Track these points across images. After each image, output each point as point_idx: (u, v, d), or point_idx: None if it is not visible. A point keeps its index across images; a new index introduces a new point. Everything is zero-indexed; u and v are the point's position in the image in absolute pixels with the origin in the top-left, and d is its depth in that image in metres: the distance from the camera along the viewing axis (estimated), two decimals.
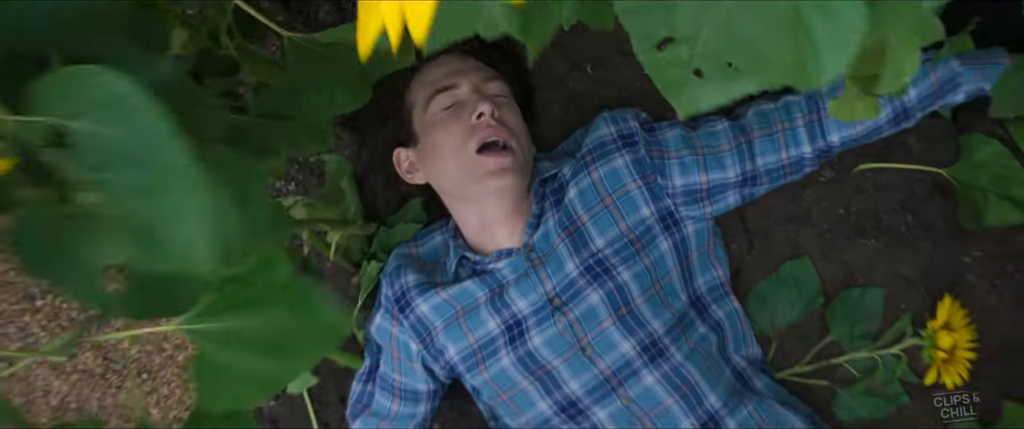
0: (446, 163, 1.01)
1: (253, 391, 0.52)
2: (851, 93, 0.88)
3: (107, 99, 0.32)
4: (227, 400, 0.53)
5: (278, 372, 0.53)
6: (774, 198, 1.11)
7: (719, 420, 1.02)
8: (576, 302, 1.00)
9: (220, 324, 0.52)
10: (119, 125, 0.32)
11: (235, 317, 0.52)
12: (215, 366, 0.52)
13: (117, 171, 0.32)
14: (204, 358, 0.51)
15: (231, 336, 0.52)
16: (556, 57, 1.13)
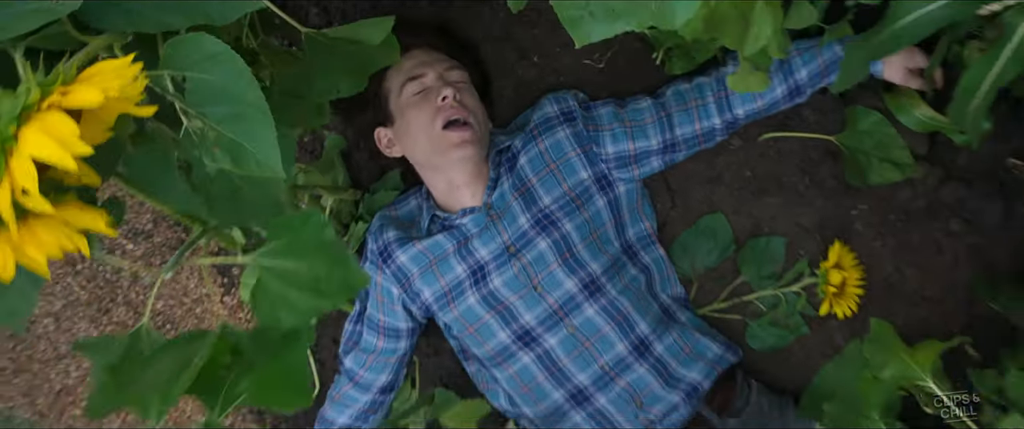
0: (418, 138, 1.22)
1: (295, 318, 0.71)
2: (745, 68, 1.10)
3: (209, 55, 0.52)
4: (276, 321, 0.72)
5: (314, 306, 0.71)
6: (692, 163, 1.32)
7: (648, 345, 1.24)
8: (528, 249, 1.22)
9: (277, 262, 0.70)
10: (216, 73, 0.51)
11: (288, 259, 0.70)
12: (271, 294, 0.70)
13: (214, 106, 0.52)
14: (264, 287, 0.70)
15: (285, 273, 0.70)
16: (508, 49, 1.34)
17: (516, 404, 1.28)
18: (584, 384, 1.23)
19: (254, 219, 0.65)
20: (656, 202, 1.34)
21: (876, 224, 1.33)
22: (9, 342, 1.50)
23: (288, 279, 0.66)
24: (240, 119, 0.50)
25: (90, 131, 0.48)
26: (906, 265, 1.33)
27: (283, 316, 0.68)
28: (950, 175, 1.33)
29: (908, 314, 1.32)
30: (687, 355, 1.26)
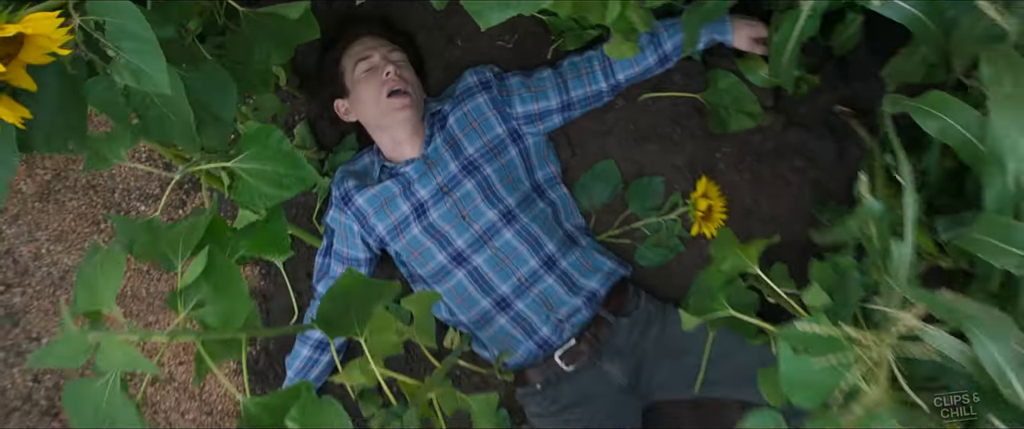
0: (368, 105, 1.56)
1: (265, 203, 1.04)
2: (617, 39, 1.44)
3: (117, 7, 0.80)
4: (253, 206, 1.05)
5: (279, 195, 1.03)
6: (586, 120, 1.66)
7: (555, 261, 1.58)
8: (457, 189, 1.56)
9: (250, 165, 1.03)
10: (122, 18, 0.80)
11: (257, 163, 1.03)
12: (248, 187, 1.02)
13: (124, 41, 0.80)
14: (241, 182, 1.03)
15: (255, 172, 1.02)
16: (437, 35, 1.68)
17: (454, 313, 1.62)
18: (505, 293, 1.57)
19: (173, 136, 0.95)
20: (559, 152, 1.68)
21: (735, 163, 1.68)
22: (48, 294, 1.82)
23: (258, 176, 1.00)
24: (140, 52, 0.81)
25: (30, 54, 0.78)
26: (760, 195, 1.67)
27: (256, 203, 1.02)
28: (792, 122, 1.67)
29: (762, 232, 1.66)
30: (587, 269, 1.60)
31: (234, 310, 0.89)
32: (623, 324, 1.59)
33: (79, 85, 0.89)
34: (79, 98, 0.90)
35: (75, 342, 0.84)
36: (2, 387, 1.81)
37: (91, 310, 0.86)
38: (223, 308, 0.90)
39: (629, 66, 1.57)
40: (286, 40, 1.13)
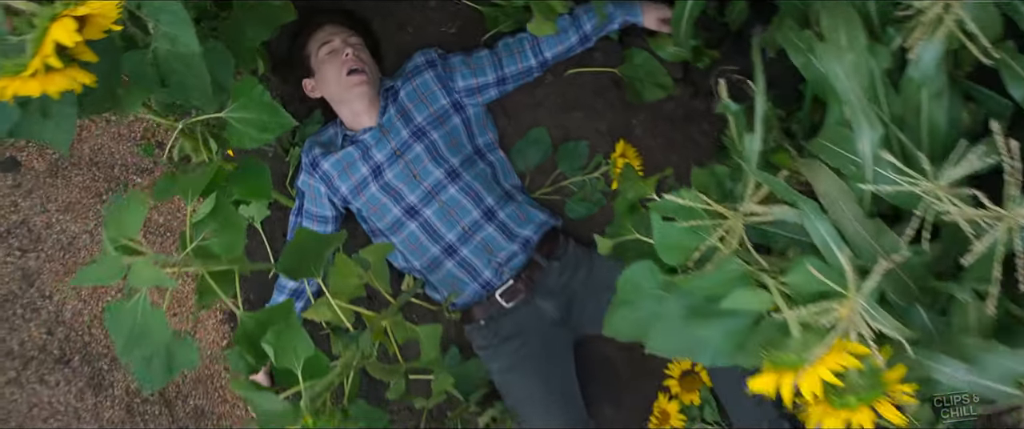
0: (330, 82, 1.82)
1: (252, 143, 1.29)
2: (539, 19, 1.72)
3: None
4: (245, 145, 1.31)
5: (263, 138, 1.29)
6: (520, 94, 1.93)
7: (494, 212, 1.84)
8: (409, 152, 1.82)
9: (238, 114, 1.29)
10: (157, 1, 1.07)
11: (244, 112, 1.28)
12: (237, 133, 1.28)
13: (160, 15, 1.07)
14: (232, 129, 1.29)
15: (243, 120, 1.28)
16: (391, 23, 1.95)
17: (408, 261, 1.88)
18: (452, 241, 1.83)
19: (192, 95, 1.21)
20: (496, 121, 1.95)
21: (650, 128, 1.95)
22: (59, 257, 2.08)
23: (246, 123, 1.26)
24: (174, 23, 1.06)
25: (90, 31, 1.03)
26: (671, 155, 1.94)
27: (246, 142, 1.28)
28: (699, 91, 1.94)
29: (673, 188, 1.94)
30: (522, 220, 1.86)
31: (234, 241, 1.16)
32: (554, 267, 1.86)
33: (117, 57, 1.15)
34: (116, 68, 1.16)
35: (112, 264, 1.09)
36: (20, 339, 2.07)
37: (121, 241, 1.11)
38: (226, 239, 1.16)
39: (555, 45, 1.84)
40: (270, 21, 1.40)
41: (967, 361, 1.02)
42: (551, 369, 1.87)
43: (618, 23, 1.83)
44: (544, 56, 1.84)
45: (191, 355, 1.17)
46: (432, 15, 1.95)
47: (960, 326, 1.07)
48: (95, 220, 2.06)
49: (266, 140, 1.28)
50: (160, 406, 2.07)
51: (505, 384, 1.88)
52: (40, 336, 2.08)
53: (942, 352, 1.02)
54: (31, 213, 2.08)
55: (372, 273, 1.46)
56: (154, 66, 1.17)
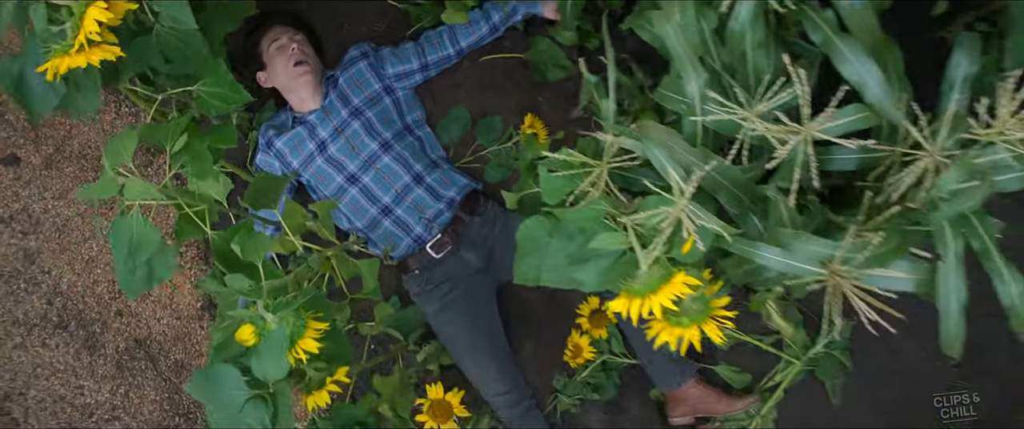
0: (280, 74, 2.17)
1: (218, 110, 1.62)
2: (450, 10, 2.07)
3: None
4: (211, 112, 1.65)
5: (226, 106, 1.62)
6: (441, 78, 2.27)
7: (422, 177, 2.18)
8: (348, 128, 2.16)
9: (207, 89, 1.61)
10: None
11: (211, 86, 1.60)
12: (207, 102, 1.61)
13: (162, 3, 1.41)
14: (202, 99, 1.63)
15: (210, 93, 1.61)
16: (330, 23, 2.31)
17: (352, 221, 2.22)
18: (388, 202, 2.17)
19: (191, 67, 1.55)
20: (423, 102, 2.29)
21: (553, 103, 2.29)
22: (55, 238, 2.41)
23: (212, 95, 1.60)
24: (173, 7, 1.41)
25: (115, 11, 1.37)
26: (572, 126, 2.30)
27: (212, 110, 1.62)
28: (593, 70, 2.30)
29: None
30: (447, 184, 2.20)
31: (205, 168, 1.49)
32: (476, 222, 2.19)
33: (128, 40, 1.49)
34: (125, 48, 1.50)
35: (109, 182, 1.42)
36: (24, 310, 2.40)
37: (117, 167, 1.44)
38: (197, 168, 1.49)
39: (469, 35, 2.19)
40: (235, 15, 1.73)
41: (782, 247, 1.36)
42: (477, 310, 2.20)
43: (521, 15, 2.18)
44: (460, 45, 2.19)
45: (171, 264, 1.49)
46: (364, 15, 2.31)
47: (776, 221, 1.41)
48: (85, 205, 2.39)
49: (228, 109, 1.62)
50: (145, 362, 2.39)
51: (438, 324, 2.21)
52: (41, 306, 2.41)
53: (765, 242, 1.35)
54: (30, 201, 2.41)
55: (320, 222, 1.80)
56: (157, 46, 1.52)
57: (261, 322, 1.44)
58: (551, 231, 1.42)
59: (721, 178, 1.41)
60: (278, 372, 1.39)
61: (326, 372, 1.59)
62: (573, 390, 2.32)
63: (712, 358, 2.33)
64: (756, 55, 1.52)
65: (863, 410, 2.35)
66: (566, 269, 1.40)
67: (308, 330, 1.46)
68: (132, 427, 2.39)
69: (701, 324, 1.30)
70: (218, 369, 1.42)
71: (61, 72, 1.25)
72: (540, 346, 2.35)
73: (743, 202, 1.48)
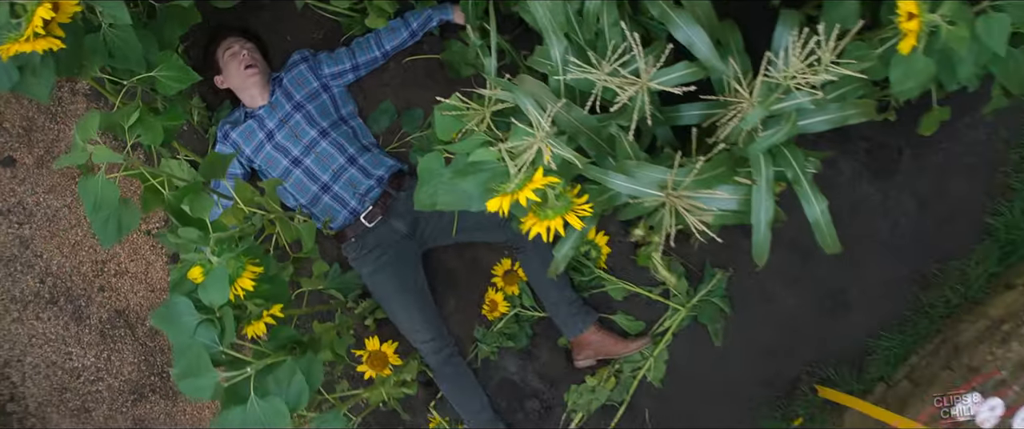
0: (233, 76, 2.58)
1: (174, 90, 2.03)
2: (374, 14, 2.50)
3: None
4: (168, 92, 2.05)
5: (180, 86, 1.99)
6: (371, 77, 2.69)
7: (355, 159, 2.58)
8: (291, 119, 2.57)
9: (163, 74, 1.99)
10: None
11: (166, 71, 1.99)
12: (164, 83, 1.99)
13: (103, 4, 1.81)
14: (161, 82, 2.02)
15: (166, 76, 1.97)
16: (276, 35, 2.73)
17: (296, 198, 2.61)
18: (326, 181, 2.57)
19: (130, 62, 1.95)
20: (355, 97, 2.71)
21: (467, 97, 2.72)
22: (46, 226, 2.80)
23: (168, 78, 1.99)
24: (111, 7, 1.81)
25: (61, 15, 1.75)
26: None
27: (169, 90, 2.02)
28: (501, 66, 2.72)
29: None
30: (376, 164, 2.60)
31: (156, 137, 1.89)
32: (402, 196, 2.59)
33: (81, 36, 1.88)
34: (80, 44, 1.88)
35: (80, 152, 1.81)
36: (20, 289, 2.78)
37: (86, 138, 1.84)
38: (150, 138, 1.89)
39: (392, 39, 2.61)
40: (183, 21, 2.14)
41: (627, 174, 1.76)
42: (405, 271, 2.59)
43: (436, 21, 2.60)
44: (385, 48, 2.61)
45: (135, 218, 1.88)
46: (304, 26, 2.73)
47: (622, 154, 1.81)
48: (71, 197, 2.79)
49: (182, 87, 2.00)
50: (124, 329, 2.77)
51: (372, 284, 2.60)
52: (34, 285, 2.79)
53: (614, 171, 1.75)
54: (24, 196, 2.81)
55: (267, 196, 2.19)
56: (104, 43, 1.92)
57: (208, 263, 1.81)
58: (444, 164, 1.83)
59: (579, 124, 1.82)
60: (221, 299, 1.74)
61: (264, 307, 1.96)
62: (491, 340, 2.70)
63: (609, 308, 2.71)
64: (612, 32, 1.94)
65: (743, 350, 2.73)
66: (454, 187, 1.78)
67: (246, 271, 1.83)
68: (114, 386, 2.77)
69: (563, 215, 1.66)
70: (175, 301, 1.77)
71: (10, 54, 1.63)
72: (461, 302, 2.73)
73: (601, 147, 1.89)
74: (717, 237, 1.84)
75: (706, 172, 1.85)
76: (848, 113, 1.89)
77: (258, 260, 1.94)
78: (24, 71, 1.84)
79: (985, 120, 2.66)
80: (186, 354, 1.70)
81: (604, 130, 1.88)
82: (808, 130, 1.92)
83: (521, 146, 1.69)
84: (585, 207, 1.70)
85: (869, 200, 2.70)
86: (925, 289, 2.68)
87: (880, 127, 2.60)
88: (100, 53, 1.92)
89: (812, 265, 2.70)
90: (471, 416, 2.67)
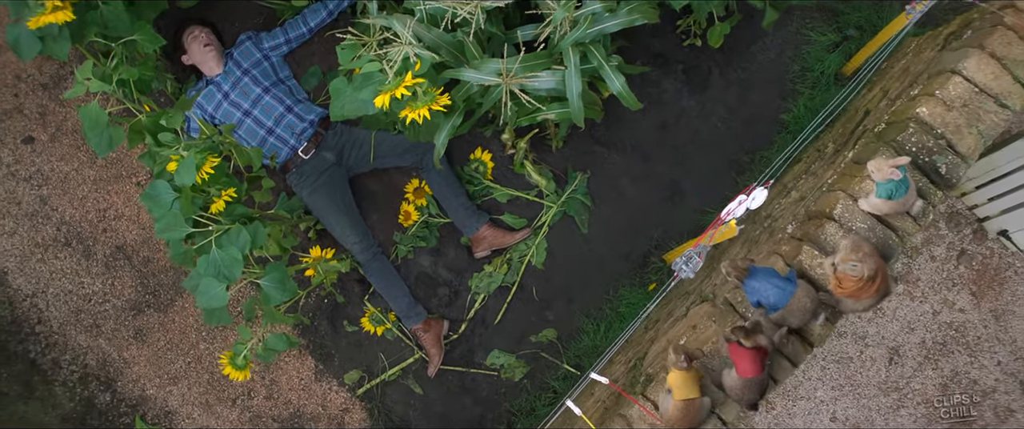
0: (195, 53, 3.34)
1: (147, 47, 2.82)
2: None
3: None
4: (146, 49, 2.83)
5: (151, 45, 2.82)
6: (302, 48, 3.46)
7: (292, 108, 3.33)
8: (241, 82, 3.33)
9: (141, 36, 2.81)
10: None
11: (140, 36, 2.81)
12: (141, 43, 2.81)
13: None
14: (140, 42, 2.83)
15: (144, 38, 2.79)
16: (227, 23, 3.54)
17: (248, 142, 3.36)
18: (270, 125, 3.32)
19: (120, 30, 2.72)
20: (290, 64, 3.49)
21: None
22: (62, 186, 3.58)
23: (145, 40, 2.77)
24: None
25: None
26: None
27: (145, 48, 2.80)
28: None
29: None
30: (308, 111, 3.34)
31: (131, 75, 2.68)
32: (329, 134, 3.35)
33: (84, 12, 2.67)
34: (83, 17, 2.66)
35: (81, 85, 2.59)
36: (42, 236, 3.53)
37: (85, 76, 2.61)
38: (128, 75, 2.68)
39: (314, 18, 3.40)
40: (154, 6, 2.93)
41: (475, 68, 2.53)
42: (335, 191, 3.34)
43: (347, 3, 3.41)
44: (310, 24, 3.41)
45: (120, 136, 2.64)
46: (248, 14, 3.53)
47: (470, 56, 2.58)
48: (77, 163, 3.56)
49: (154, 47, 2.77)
50: (123, 260, 3.51)
51: (311, 202, 3.34)
52: (52, 232, 3.55)
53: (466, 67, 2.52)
54: (42, 165, 3.58)
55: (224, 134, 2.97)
56: (101, 16, 2.71)
57: (181, 156, 2.57)
58: (348, 83, 2.60)
59: (438, 39, 2.59)
60: (189, 180, 2.49)
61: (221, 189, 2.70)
62: (407, 242, 3.44)
63: (498, 210, 3.45)
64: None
65: (604, 234, 3.45)
66: (354, 98, 2.56)
67: (207, 162, 2.58)
68: (118, 305, 3.50)
69: (430, 106, 2.42)
70: (156, 183, 2.52)
71: (39, 24, 2.42)
72: (382, 215, 3.47)
73: (453, 53, 2.67)
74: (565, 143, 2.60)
75: (530, 61, 2.63)
76: (634, 16, 2.64)
77: (217, 156, 2.68)
78: (45, 40, 2.61)
79: (774, 42, 3.44)
80: (165, 218, 2.45)
81: (456, 40, 2.67)
82: (606, 30, 2.66)
83: (393, 54, 2.47)
84: (444, 98, 2.47)
85: (690, 110, 3.46)
86: (740, 174, 3.41)
87: (692, 52, 3.40)
88: (98, 24, 2.71)
89: (652, 164, 3.44)
90: (396, 302, 3.38)
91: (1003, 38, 2.25)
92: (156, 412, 3.42)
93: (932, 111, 2.23)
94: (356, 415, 3.42)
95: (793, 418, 3.23)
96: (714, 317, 2.36)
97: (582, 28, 2.63)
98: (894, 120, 2.37)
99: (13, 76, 3.57)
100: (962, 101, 2.22)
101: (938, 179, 2.21)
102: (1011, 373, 3.17)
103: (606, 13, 2.64)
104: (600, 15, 2.65)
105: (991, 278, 3.19)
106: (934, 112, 2.23)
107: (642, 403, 2.23)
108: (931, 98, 2.24)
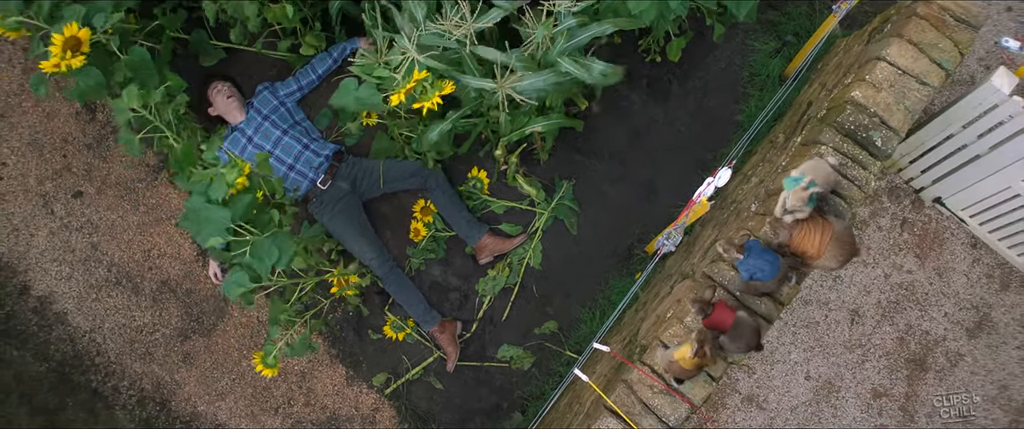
0: (219, 105, 3.43)
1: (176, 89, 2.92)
2: (306, 44, 3.42)
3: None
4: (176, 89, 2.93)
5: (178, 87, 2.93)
6: (314, 94, 3.57)
7: (308, 146, 3.40)
8: (262, 127, 3.42)
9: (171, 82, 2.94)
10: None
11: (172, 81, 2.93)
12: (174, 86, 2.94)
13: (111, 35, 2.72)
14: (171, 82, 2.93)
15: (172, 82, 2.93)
16: (246, 77, 3.64)
17: None
18: (291, 162, 3.40)
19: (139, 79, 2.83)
20: (304, 107, 3.59)
21: None
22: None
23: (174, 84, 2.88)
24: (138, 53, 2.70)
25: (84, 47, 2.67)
26: None
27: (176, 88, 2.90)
28: None
29: None
30: (323, 148, 3.42)
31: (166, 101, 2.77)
32: (343, 166, 3.44)
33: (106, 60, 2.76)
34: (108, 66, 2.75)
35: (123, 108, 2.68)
36: (95, 277, 3.59)
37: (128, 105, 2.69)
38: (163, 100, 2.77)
39: (321, 66, 3.51)
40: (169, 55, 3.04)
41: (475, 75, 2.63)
42: (352, 214, 3.42)
43: (349, 50, 3.51)
44: (318, 72, 3.51)
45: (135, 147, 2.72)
46: (264, 68, 3.64)
47: (468, 69, 2.68)
48: (122, 211, 3.63)
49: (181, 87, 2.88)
50: (168, 293, 3.56)
51: (331, 226, 3.42)
52: (104, 273, 3.58)
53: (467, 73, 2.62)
54: (91, 215, 3.63)
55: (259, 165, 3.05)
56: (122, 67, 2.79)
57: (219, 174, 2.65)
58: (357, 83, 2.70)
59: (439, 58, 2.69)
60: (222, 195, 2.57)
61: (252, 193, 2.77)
62: (419, 255, 3.51)
63: (496, 221, 3.53)
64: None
65: (591, 234, 3.54)
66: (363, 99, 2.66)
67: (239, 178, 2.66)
68: (166, 333, 3.55)
69: (433, 99, 2.52)
70: (194, 199, 2.60)
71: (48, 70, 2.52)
72: (395, 233, 3.55)
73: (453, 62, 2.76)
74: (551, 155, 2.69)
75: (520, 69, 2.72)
76: (604, 27, 2.73)
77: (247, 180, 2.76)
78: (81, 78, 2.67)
79: (724, 54, 3.56)
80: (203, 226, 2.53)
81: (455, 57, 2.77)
82: (582, 42, 2.75)
83: (396, 60, 2.57)
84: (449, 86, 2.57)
85: (657, 118, 3.56)
86: (705, 171, 3.51)
87: (654, 67, 3.51)
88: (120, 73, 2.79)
89: (629, 168, 3.54)
90: (413, 309, 3.45)
91: (918, 26, 2.37)
92: (208, 425, 3.46)
93: (865, 94, 2.34)
94: (386, 413, 3.47)
95: (772, 380, 3.31)
96: (695, 290, 2.44)
97: (560, 43, 2.73)
98: (833, 105, 2.47)
99: (61, 139, 3.65)
100: (889, 82, 2.34)
101: (876, 151, 2.32)
102: (957, 322, 3.26)
103: (579, 28, 2.74)
104: (574, 29, 2.75)
105: (932, 241, 3.29)
106: (866, 94, 2.34)
107: (640, 367, 2.31)
108: (862, 82, 2.36)
